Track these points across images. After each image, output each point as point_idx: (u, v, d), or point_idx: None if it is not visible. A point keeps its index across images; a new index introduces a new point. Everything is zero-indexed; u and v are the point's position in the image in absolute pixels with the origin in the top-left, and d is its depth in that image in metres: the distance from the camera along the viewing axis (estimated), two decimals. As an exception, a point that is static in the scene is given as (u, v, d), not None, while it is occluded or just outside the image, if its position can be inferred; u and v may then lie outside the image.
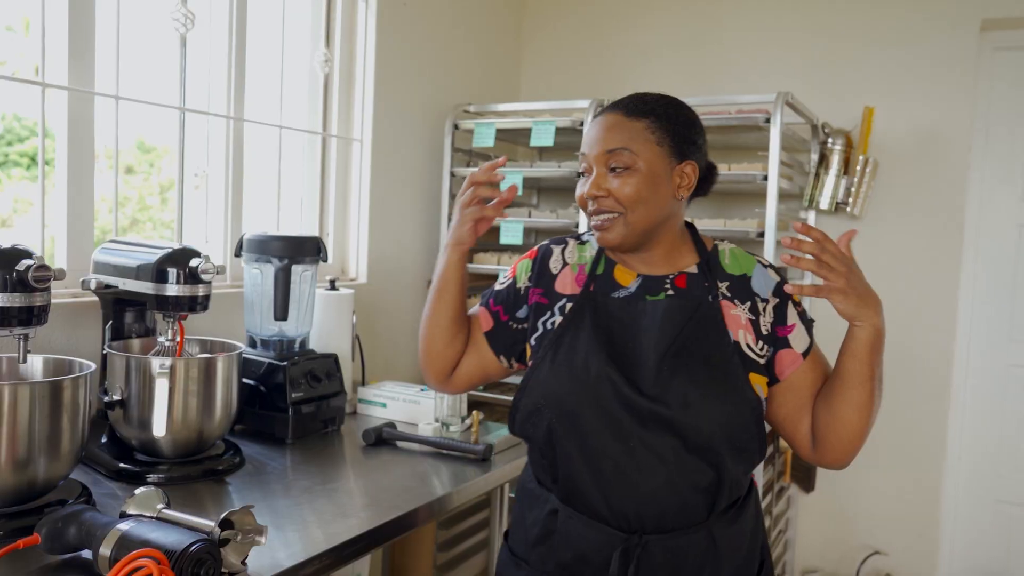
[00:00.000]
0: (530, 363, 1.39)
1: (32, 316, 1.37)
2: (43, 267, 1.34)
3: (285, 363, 1.92)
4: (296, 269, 1.96)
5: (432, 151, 2.92)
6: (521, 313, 1.46)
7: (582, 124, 2.64)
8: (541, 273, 1.46)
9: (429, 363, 1.50)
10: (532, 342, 1.42)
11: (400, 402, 2.16)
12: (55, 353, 1.74)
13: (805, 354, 1.35)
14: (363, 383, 2.29)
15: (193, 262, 1.61)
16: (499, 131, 2.73)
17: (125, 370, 1.61)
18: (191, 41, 2.09)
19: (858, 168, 2.78)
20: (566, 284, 1.43)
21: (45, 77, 1.77)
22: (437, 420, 2.05)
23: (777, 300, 1.35)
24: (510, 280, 1.49)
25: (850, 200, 2.80)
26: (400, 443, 1.95)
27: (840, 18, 2.93)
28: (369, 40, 2.61)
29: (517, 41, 3.43)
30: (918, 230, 2.84)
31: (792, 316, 1.35)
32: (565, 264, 1.45)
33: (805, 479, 2.93)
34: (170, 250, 1.64)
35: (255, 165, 2.40)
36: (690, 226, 1.44)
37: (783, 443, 2.71)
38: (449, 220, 2.89)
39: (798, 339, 1.35)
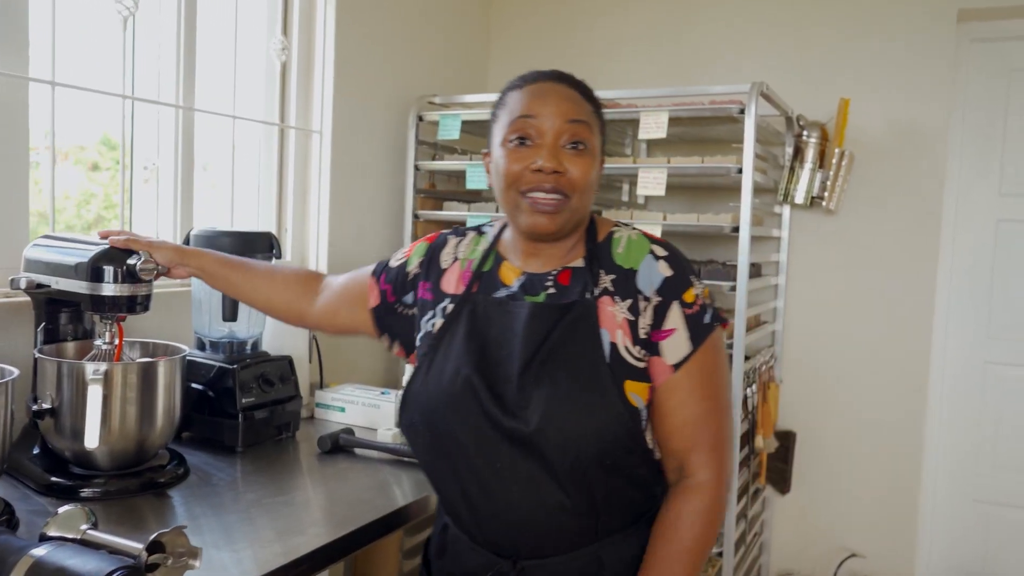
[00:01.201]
0: (413, 368, 1.29)
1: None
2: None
3: (234, 366, 1.81)
4: (247, 266, 1.85)
5: (396, 143, 2.81)
6: (408, 299, 1.36)
7: (551, 115, 2.54)
8: (431, 265, 1.35)
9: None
10: (418, 341, 1.32)
11: (359, 406, 2.05)
12: (-18, 358, 1.63)
13: (677, 366, 1.17)
14: (321, 386, 2.18)
15: (131, 260, 1.50)
16: (465, 123, 2.63)
17: (56, 376, 1.49)
18: (141, 28, 1.98)
19: (834, 161, 2.71)
20: (451, 282, 1.31)
21: (-29, 61, 1.64)
22: (398, 425, 1.94)
23: (659, 299, 1.18)
24: (404, 260, 1.39)
25: (825, 194, 2.73)
26: (358, 450, 1.85)
27: (815, 8, 2.86)
28: (328, 27, 2.49)
29: (485, 31, 3.33)
30: (894, 224, 2.78)
31: (674, 319, 1.17)
32: (455, 260, 1.33)
33: (780, 480, 2.86)
34: (106, 247, 1.52)
35: (211, 158, 2.28)
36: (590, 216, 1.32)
37: (759, 443, 2.63)
38: (414, 215, 2.80)
39: (673, 347, 1.17)
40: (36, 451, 1.58)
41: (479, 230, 1.38)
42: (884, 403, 2.81)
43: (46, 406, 1.49)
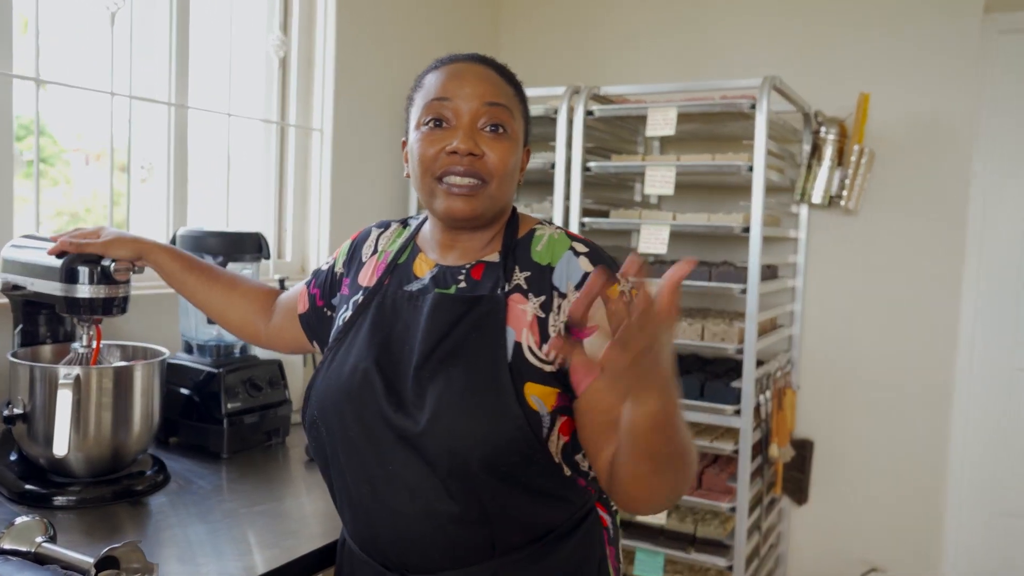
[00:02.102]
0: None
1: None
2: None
3: (220, 370, 1.75)
4: (234, 268, 1.80)
5: (398, 141, 2.75)
6: (336, 300, 1.29)
7: (556, 112, 2.47)
8: (352, 260, 1.29)
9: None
10: (330, 339, 1.24)
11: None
12: (-40, 361, 1.59)
13: None
14: (316, 391, 2.12)
15: (105, 260, 1.45)
16: (470, 120, 2.56)
17: (29, 380, 1.45)
18: (136, 24, 1.94)
19: (853, 159, 2.61)
20: (367, 275, 1.24)
21: (-49, 57, 1.61)
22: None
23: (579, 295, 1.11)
24: (332, 261, 1.34)
25: (844, 193, 2.63)
26: (348, 457, 1.78)
27: None
28: (329, 23, 2.44)
29: (494, 26, 3.26)
30: (917, 225, 2.67)
31: (597, 316, 1.05)
32: (375, 251, 1.26)
33: (797, 490, 2.76)
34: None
35: (210, 157, 2.24)
36: (513, 210, 1.24)
37: (773, 451, 2.54)
38: (419, 216, 2.73)
39: (598, 346, 1.06)
40: (13, 457, 1.53)
41: (405, 222, 1.31)
42: (907, 411, 2.70)
43: (17, 411, 1.44)
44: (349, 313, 1.21)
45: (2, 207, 1.75)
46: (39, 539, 1.13)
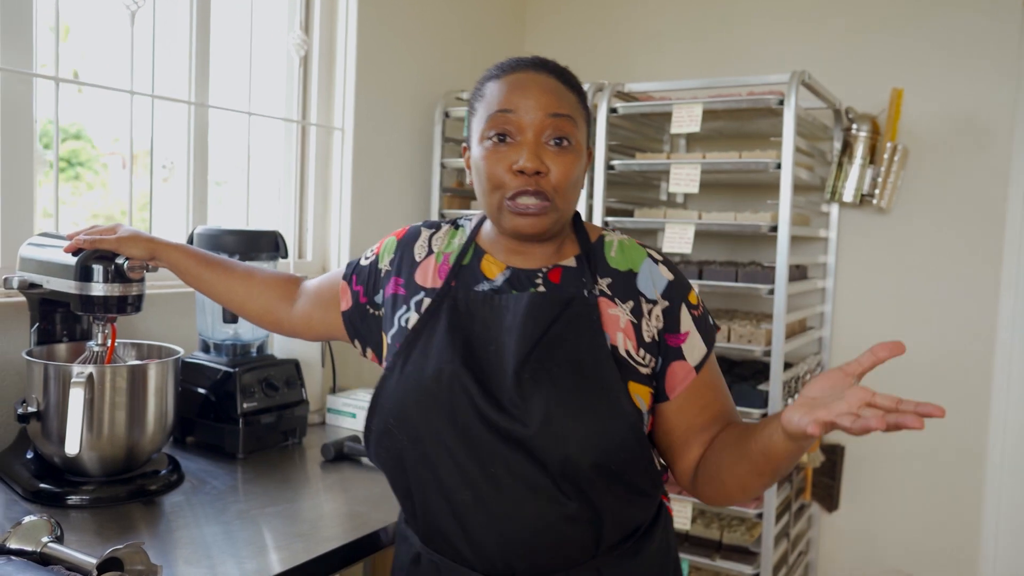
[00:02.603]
0: (383, 368, 1.19)
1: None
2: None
3: (235, 369, 1.74)
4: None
5: (421, 140, 2.73)
6: (379, 298, 1.27)
7: (580, 110, 2.43)
8: (403, 259, 1.26)
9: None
10: (388, 339, 1.22)
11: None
12: (-21, 358, 1.60)
13: (699, 367, 1.15)
14: (334, 391, 2.11)
15: (119, 259, 1.44)
16: (493, 119, 2.53)
17: (43, 379, 1.44)
18: (158, 24, 1.94)
19: (885, 156, 2.54)
20: (427, 276, 1.22)
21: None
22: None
23: (667, 303, 1.14)
24: (374, 257, 1.30)
25: (877, 192, 2.56)
26: (364, 459, 1.76)
27: (867, -6, 2.69)
28: (351, 21, 2.42)
29: (520, 24, 3.23)
30: (953, 224, 2.59)
31: (687, 322, 1.15)
32: (430, 252, 1.24)
33: (827, 497, 2.69)
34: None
35: (232, 156, 2.24)
36: (575, 215, 1.24)
37: (803, 456, 2.47)
38: (440, 214, 2.71)
39: (692, 349, 1.15)
40: (29, 455, 1.53)
41: (455, 223, 1.29)
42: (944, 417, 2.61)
43: (31, 409, 1.44)
44: (414, 315, 1.18)
45: (23, 206, 1.76)
46: (45, 539, 1.12)
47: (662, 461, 1.20)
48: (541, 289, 1.15)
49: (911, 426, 0.86)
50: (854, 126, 2.56)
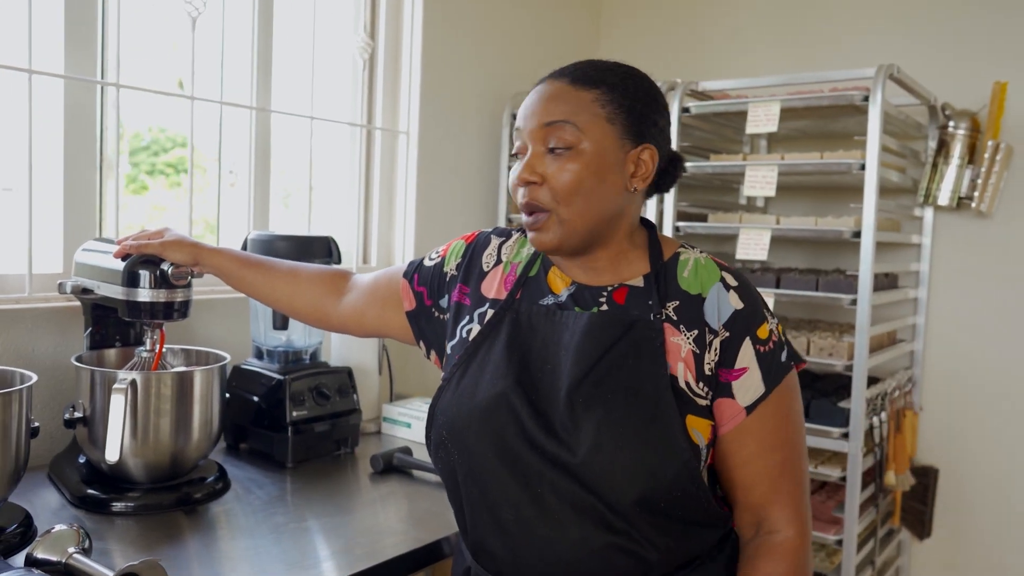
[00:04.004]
0: (441, 379, 1.15)
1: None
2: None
3: (286, 377, 1.72)
4: (304, 272, 1.76)
5: (488, 143, 2.67)
6: (444, 302, 1.22)
7: (650, 110, 2.32)
8: (470, 266, 1.21)
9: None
10: (448, 349, 1.18)
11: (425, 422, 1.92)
12: (40, 361, 1.62)
13: (750, 409, 1.05)
14: (391, 399, 2.07)
15: (164, 264, 1.43)
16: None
17: (90, 384, 1.45)
18: (219, 28, 1.95)
19: (986, 156, 2.34)
20: (493, 286, 1.17)
21: (35, 64, 1.63)
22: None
23: (728, 334, 1.05)
24: (440, 260, 1.26)
25: (976, 194, 2.36)
26: (414, 472, 1.71)
27: (967, -20, 2.49)
28: (416, 23, 2.38)
29: (595, 24, 3.14)
30: (1064, 230, 2.36)
31: (747, 357, 1.05)
32: (499, 262, 1.19)
33: (918, 523, 2.50)
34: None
35: (295, 161, 2.23)
36: (650, 226, 1.16)
37: (890, 479, 2.30)
38: (508, 218, 2.65)
39: (746, 388, 1.05)
40: (82, 459, 1.54)
41: (525, 231, 1.22)
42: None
43: (78, 415, 1.44)
44: (476, 326, 1.15)
45: (87, 210, 1.78)
46: (71, 549, 1.10)
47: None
48: (604, 308, 1.09)
49: None
50: (951, 123, 2.37)
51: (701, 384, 1.05)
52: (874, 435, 2.20)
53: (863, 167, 2.00)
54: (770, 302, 2.11)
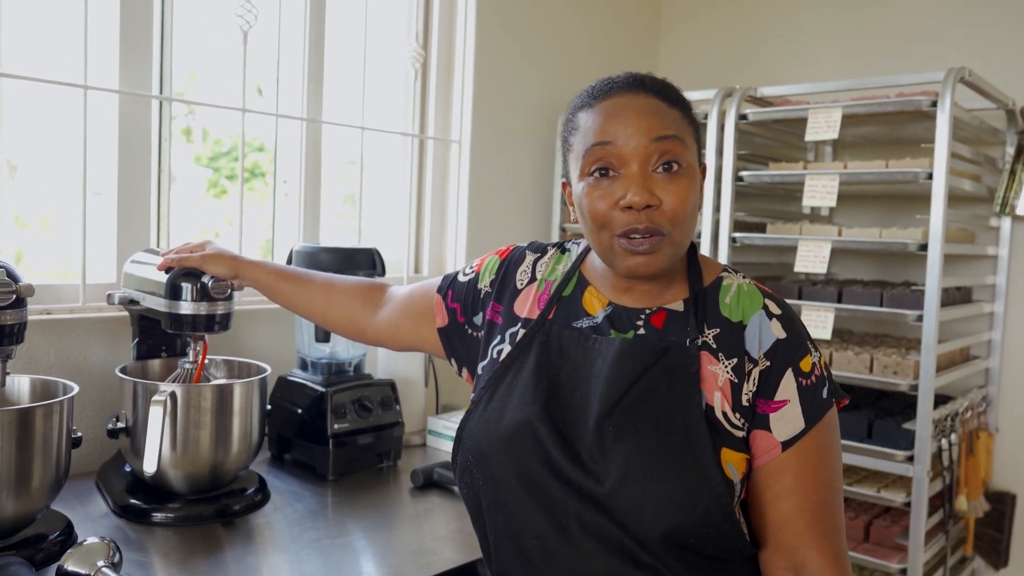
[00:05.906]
0: (471, 400, 1.12)
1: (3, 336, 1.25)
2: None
3: (328, 389, 1.71)
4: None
5: (542, 152, 2.64)
6: (478, 319, 1.19)
7: (706, 117, 2.26)
8: (504, 284, 1.17)
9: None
10: (479, 369, 1.14)
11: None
12: (91, 370, 1.65)
13: (787, 444, 0.99)
14: (437, 411, 2.05)
15: (205, 278, 1.44)
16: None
17: (132, 395, 1.47)
18: (271, 39, 1.97)
19: (1069, 163, 2.20)
20: (526, 305, 1.13)
21: (91, 80, 1.67)
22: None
23: (768, 364, 0.99)
24: (473, 275, 1.22)
25: (1057, 203, 2.22)
26: (455, 487, 1.69)
27: (1049, -23, 2.35)
28: (469, 31, 2.37)
29: (655, 32, 3.07)
30: None
31: (788, 390, 0.99)
32: (533, 279, 1.15)
33: (993, 552, 2.36)
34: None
35: (350, 171, 2.24)
36: (691, 248, 1.10)
37: (961, 505, 2.18)
38: (562, 228, 2.61)
39: (785, 422, 0.99)
40: (127, 468, 1.57)
41: (562, 247, 1.20)
42: None
43: (120, 425, 1.47)
44: (507, 348, 1.12)
45: (140, 221, 1.81)
46: (100, 563, 1.11)
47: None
48: (641, 332, 1.04)
49: None
50: (1030, 128, 2.24)
51: (738, 415, 1.00)
52: (943, 458, 2.08)
53: (930, 176, 1.90)
54: (831, 317, 2.02)
